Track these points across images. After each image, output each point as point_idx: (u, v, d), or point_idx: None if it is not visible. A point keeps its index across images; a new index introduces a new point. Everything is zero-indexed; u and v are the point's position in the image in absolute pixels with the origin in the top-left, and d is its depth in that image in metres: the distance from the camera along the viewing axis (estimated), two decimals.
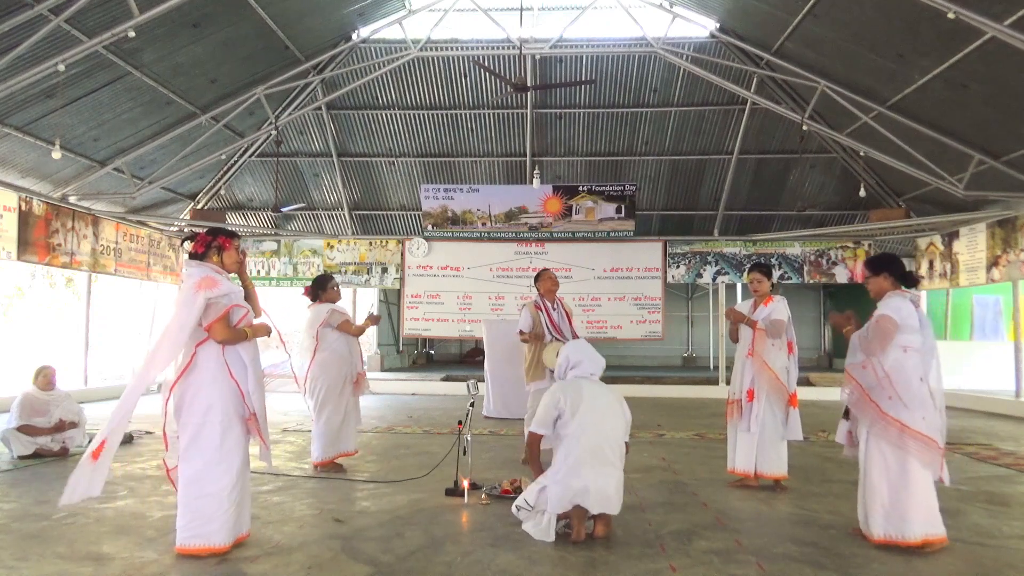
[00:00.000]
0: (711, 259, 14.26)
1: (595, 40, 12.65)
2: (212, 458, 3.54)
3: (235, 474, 3.60)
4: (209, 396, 3.56)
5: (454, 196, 14.03)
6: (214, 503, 3.52)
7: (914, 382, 3.84)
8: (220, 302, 3.61)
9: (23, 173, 10.71)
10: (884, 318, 3.88)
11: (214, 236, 3.82)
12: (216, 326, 3.59)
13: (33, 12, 7.84)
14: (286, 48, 11.57)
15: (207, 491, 3.52)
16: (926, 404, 3.85)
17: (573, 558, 3.62)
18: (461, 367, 18.87)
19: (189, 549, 3.52)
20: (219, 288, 3.63)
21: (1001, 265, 11.45)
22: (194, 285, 3.60)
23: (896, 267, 4.08)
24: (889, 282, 4.04)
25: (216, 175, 14.34)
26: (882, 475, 3.84)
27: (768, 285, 5.46)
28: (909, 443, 3.77)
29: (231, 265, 3.84)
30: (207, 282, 3.61)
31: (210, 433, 3.54)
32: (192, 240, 3.87)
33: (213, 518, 3.52)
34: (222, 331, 3.60)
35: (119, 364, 15.09)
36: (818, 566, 3.54)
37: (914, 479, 3.78)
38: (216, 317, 3.58)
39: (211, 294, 3.58)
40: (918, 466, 3.78)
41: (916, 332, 3.90)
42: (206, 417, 3.54)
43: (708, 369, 18.87)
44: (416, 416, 9.84)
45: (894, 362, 3.86)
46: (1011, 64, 8.13)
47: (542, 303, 6.33)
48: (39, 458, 6.12)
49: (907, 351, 3.87)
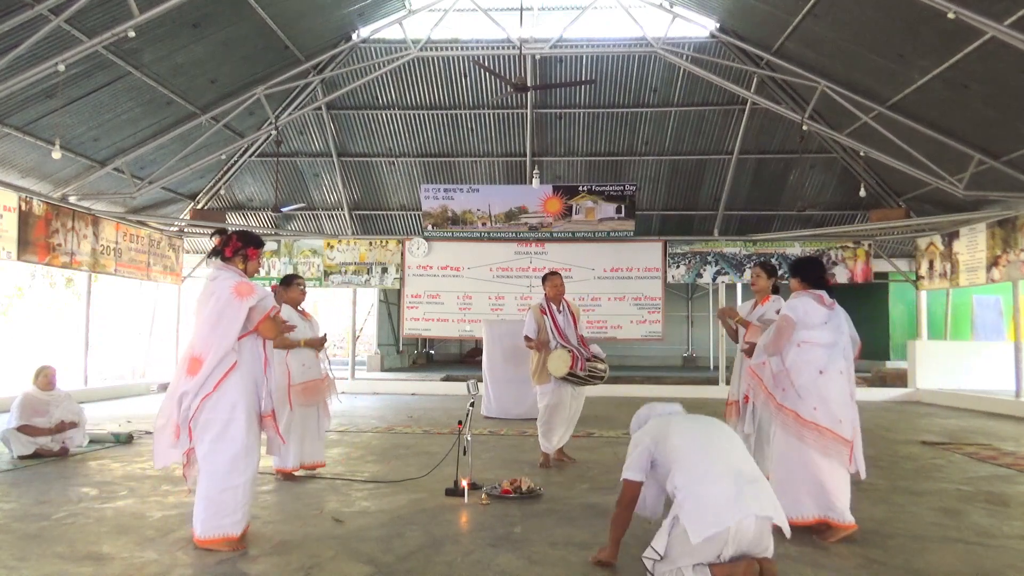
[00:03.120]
0: (711, 259, 14.26)
1: (595, 40, 12.65)
2: (239, 453, 3.66)
3: (255, 468, 3.78)
4: (234, 394, 3.69)
5: (454, 196, 14.03)
6: (238, 495, 3.66)
7: (807, 374, 4.07)
8: (260, 305, 3.77)
9: (23, 173, 10.71)
10: (783, 317, 4.22)
11: (244, 244, 3.95)
12: (265, 325, 3.78)
13: (33, 12, 7.84)
14: (286, 48, 11.56)
15: (233, 483, 3.64)
16: (822, 396, 4.03)
17: (573, 558, 3.62)
18: (461, 367, 18.87)
19: (211, 539, 3.62)
20: (257, 293, 3.79)
21: (1001, 265, 11.45)
22: (230, 290, 3.72)
23: (805, 271, 4.39)
24: (799, 284, 4.36)
25: (216, 175, 14.34)
26: (781, 461, 4.12)
27: (766, 282, 5.45)
28: (804, 432, 4.01)
29: (252, 272, 4.04)
30: (244, 288, 3.75)
31: (237, 430, 3.66)
32: (222, 237, 3.98)
33: (236, 510, 3.66)
34: (272, 329, 3.82)
35: (119, 364, 15.09)
36: (818, 566, 3.54)
37: (811, 464, 3.99)
38: (263, 316, 3.77)
39: (252, 301, 3.74)
40: (817, 455, 3.98)
41: (818, 327, 4.16)
42: (232, 414, 3.66)
43: (708, 369, 18.88)
44: (416, 416, 9.84)
45: (793, 356, 4.13)
46: (1011, 64, 8.13)
47: (547, 307, 6.28)
48: (39, 458, 6.11)
49: (802, 346, 4.13)
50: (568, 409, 6.21)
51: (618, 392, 12.99)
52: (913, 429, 8.99)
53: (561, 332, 6.18)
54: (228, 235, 3.98)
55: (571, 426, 6.33)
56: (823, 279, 4.40)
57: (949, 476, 5.88)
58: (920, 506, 4.81)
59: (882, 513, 4.59)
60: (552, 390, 6.14)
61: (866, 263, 13.96)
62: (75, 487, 5.14)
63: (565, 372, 6.00)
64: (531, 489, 4.94)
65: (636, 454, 3.40)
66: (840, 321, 4.24)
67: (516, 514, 4.46)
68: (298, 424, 5.47)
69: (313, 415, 5.62)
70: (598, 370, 6.16)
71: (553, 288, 6.31)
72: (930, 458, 6.76)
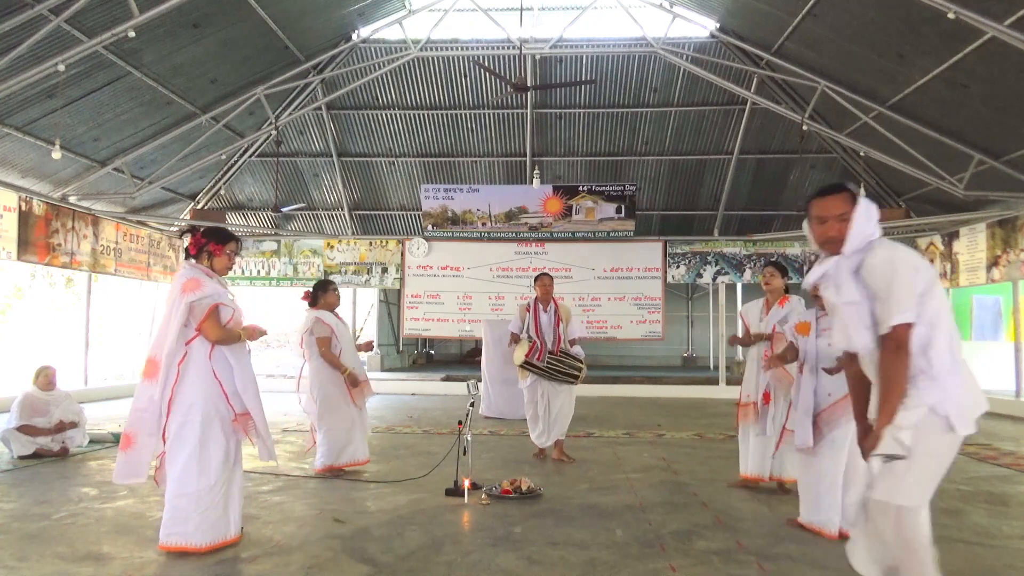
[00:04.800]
0: (711, 259, 14.26)
1: (595, 40, 12.65)
2: (191, 457, 3.54)
3: (214, 475, 3.57)
4: (192, 395, 3.58)
5: (454, 196, 14.03)
6: (191, 503, 3.53)
7: None
8: (202, 303, 3.61)
9: (23, 173, 10.70)
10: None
11: (207, 240, 3.80)
12: (206, 325, 3.60)
13: (33, 12, 7.84)
14: (286, 48, 11.57)
15: (186, 490, 3.53)
16: None
17: (573, 558, 3.62)
18: (461, 367, 18.86)
19: (168, 547, 3.56)
20: (201, 290, 3.61)
21: (1001, 265, 11.45)
22: (179, 287, 3.64)
23: None
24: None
25: (216, 175, 14.34)
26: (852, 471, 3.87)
27: (781, 282, 5.24)
28: None
29: (222, 269, 3.84)
30: (190, 284, 3.61)
31: (189, 432, 3.55)
32: (191, 234, 3.90)
33: (189, 518, 3.52)
34: (214, 330, 3.61)
35: (119, 364, 15.09)
36: (818, 566, 3.54)
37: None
38: (203, 317, 3.60)
39: (192, 297, 3.58)
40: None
41: None
42: (187, 416, 3.56)
43: (708, 369, 18.87)
44: (416, 416, 9.83)
45: None
46: (1011, 64, 8.13)
47: (534, 305, 6.49)
48: (39, 458, 6.11)
49: None
50: (546, 405, 6.32)
51: (618, 392, 12.99)
52: None
53: (539, 330, 6.36)
54: (194, 232, 3.86)
55: (555, 425, 6.36)
56: None
57: (949, 476, 5.82)
58: None
59: None
60: (529, 385, 6.41)
61: None
62: (75, 487, 5.13)
63: (522, 360, 6.28)
64: (531, 489, 4.94)
65: None
66: None
67: (516, 514, 4.46)
68: (358, 422, 5.71)
69: (361, 414, 5.80)
70: (567, 366, 6.29)
71: (542, 288, 6.49)
72: None
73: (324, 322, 5.65)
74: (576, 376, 6.32)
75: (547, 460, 6.38)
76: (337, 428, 5.61)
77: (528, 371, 6.34)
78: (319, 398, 5.60)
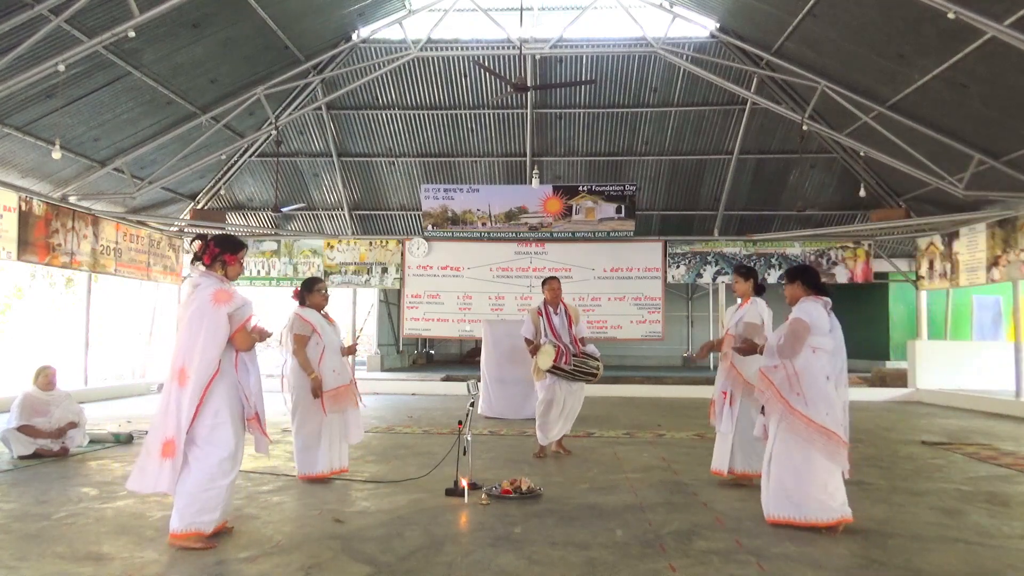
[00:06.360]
0: (711, 259, 14.26)
1: (595, 40, 12.65)
2: (226, 455, 3.74)
3: (237, 470, 3.86)
4: (220, 399, 3.75)
5: (454, 196, 14.03)
6: (221, 495, 3.75)
7: (820, 380, 4.19)
8: (238, 313, 3.79)
9: (23, 173, 10.70)
10: (796, 320, 4.27)
11: (221, 250, 3.93)
12: (239, 336, 3.80)
13: (33, 12, 7.84)
14: (286, 48, 11.57)
15: (218, 484, 3.73)
16: (830, 401, 4.17)
17: (573, 558, 3.62)
18: (461, 367, 18.85)
19: (186, 534, 3.67)
20: (235, 300, 3.80)
21: (1001, 265, 11.45)
22: (209, 298, 3.75)
23: (809, 276, 4.49)
24: (802, 289, 4.44)
25: (216, 175, 14.34)
26: (786, 465, 4.19)
27: (744, 286, 5.51)
28: (814, 436, 4.11)
29: (234, 276, 4.02)
30: (222, 295, 3.77)
31: (224, 433, 3.74)
32: (202, 242, 3.98)
33: (216, 508, 3.74)
34: (246, 340, 3.83)
35: (119, 364, 15.10)
36: (818, 566, 3.54)
37: (817, 466, 4.11)
38: (238, 327, 3.79)
39: (229, 308, 3.76)
40: (821, 457, 4.11)
41: (826, 335, 4.25)
42: (217, 419, 3.74)
43: (708, 369, 18.85)
44: (416, 416, 9.83)
45: (803, 362, 4.21)
46: (1011, 64, 8.12)
47: (544, 309, 6.59)
48: (39, 458, 6.11)
49: (816, 352, 4.21)
50: (563, 405, 6.49)
51: (618, 392, 12.99)
52: (913, 429, 8.99)
53: (555, 332, 6.50)
54: (206, 241, 3.96)
55: (569, 421, 6.62)
56: (823, 286, 4.51)
57: (949, 476, 5.88)
58: (920, 506, 4.81)
59: (882, 513, 4.59)
60: (548, 386, 6.46)
61: (866, 263, 13.96)
62: (75, 487, 5.14)
63: (550, 364, 6.35)
64: (531, 489, 4.94)
65: None
66: (838, 329, 4.35)
67: (516, 514, 4.46)
68: (327, 430, 5.34)
69: (340, 421, 5.42)
70: (588, 366, 6.48)
71: (551, 292, 6.63)
72: (930, 458, 6.76)
73: (305, 319, 5.42)
74: (595, 374, 6.51)
75: (547, 459, 6.40)
76: (305, 434, 5.33)
77: (556, 375, 6.42)
78: (293, 400, 5.37)
